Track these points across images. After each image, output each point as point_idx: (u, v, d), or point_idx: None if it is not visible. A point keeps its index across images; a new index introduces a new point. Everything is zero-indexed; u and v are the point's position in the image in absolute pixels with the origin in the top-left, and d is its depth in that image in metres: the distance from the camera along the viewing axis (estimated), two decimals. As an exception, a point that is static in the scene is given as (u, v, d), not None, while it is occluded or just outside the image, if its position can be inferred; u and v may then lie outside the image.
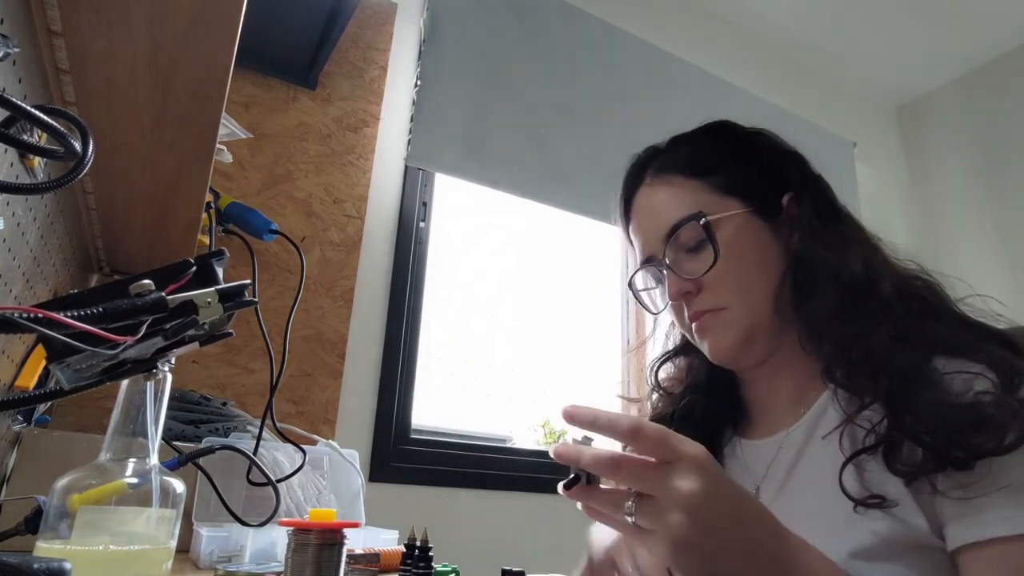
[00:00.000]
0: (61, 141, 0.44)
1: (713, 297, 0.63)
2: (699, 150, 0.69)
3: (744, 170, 0.66)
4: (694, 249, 0.63)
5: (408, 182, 1.69)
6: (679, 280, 0.64)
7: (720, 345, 0.63)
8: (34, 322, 0.35)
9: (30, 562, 0.33)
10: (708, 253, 0.62)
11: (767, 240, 0.63)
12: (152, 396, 0.49)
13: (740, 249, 0.62)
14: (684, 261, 0.64)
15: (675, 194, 0.66)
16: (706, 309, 0.63)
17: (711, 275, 0.62)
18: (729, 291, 0.62)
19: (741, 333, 0.62)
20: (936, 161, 2.79)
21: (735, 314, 0.62)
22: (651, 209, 0.68)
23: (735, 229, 0.63)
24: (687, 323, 0.65)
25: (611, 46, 2.15)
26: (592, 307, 2.11)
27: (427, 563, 0.72)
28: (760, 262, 0.63)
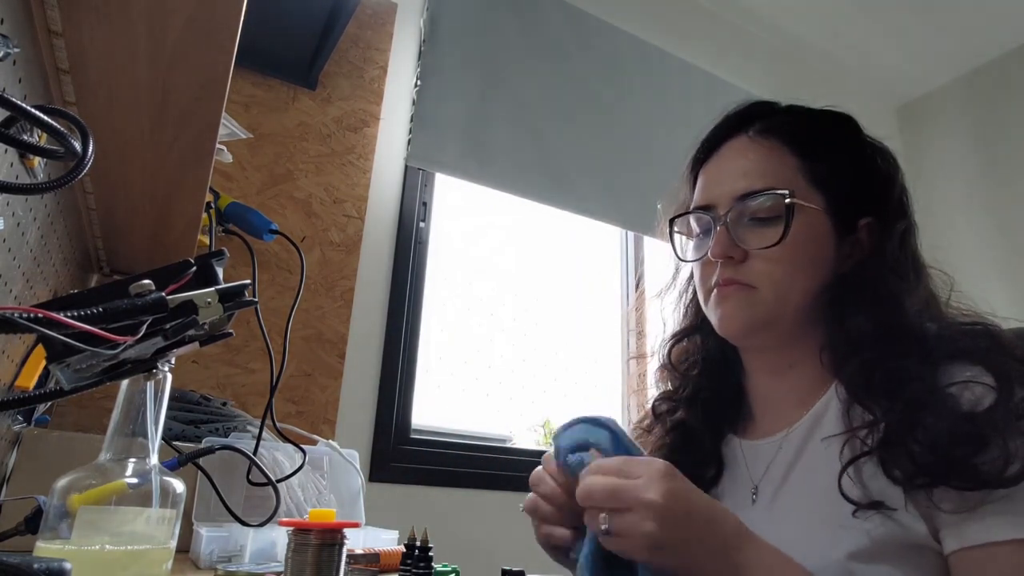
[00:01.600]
0: (61, 141, 0.44)
1: (751, 273, 0.61)
2: (817, 130, 0.66)
3: (848, 174, 0.64)
4: (762, 220, 0.61)
5: (408, 182, 1.69)
6: (729, 241, 0.62)
7: (733, 319, 0.62)
8: (34, 322, 0.35)
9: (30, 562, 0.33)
10: (773, 231, 0.60)
11: (828, 247, 0.62)
12: (152, 396, 0.49)
13: (801, 243, 0.61)
14: (744, 227, 0.62)
15: (770, 160, 0.63)
16: (739, 281, 0.61)
17: (764, 253, 0.60)
18: (769, 275, 0.61)
19: (759, 317, 0.61)
20: (936, 161, 2.79)
21: (762, 298, 0.61)
22: (739, 162, 0.65)
23: (807, 222, 0.61)
24: (711, 284, 0.64)
25: (611, 46, 2.15)
26: (592, 307, 2.11)
27: (427, 563, 0.72)
28: (812, 262, 0.62)
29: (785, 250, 0.60)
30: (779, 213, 0.61)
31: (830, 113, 0.69)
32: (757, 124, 0.66)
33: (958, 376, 0.52)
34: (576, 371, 2.00)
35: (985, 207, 2.56)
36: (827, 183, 0.63)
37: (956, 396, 0.51)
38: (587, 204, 1.94)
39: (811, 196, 0.62)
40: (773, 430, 0.65)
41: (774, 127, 0.66)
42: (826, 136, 0.66)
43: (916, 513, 0.50)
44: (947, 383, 0.52)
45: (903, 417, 0.51)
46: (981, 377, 0.51)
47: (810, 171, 0.63)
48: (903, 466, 0.50)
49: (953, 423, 0.49)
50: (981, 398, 0.50)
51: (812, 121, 0.68)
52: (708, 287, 0.65)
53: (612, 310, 2.12)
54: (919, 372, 0.53)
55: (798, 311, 0.61)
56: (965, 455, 0.47)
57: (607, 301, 2.13)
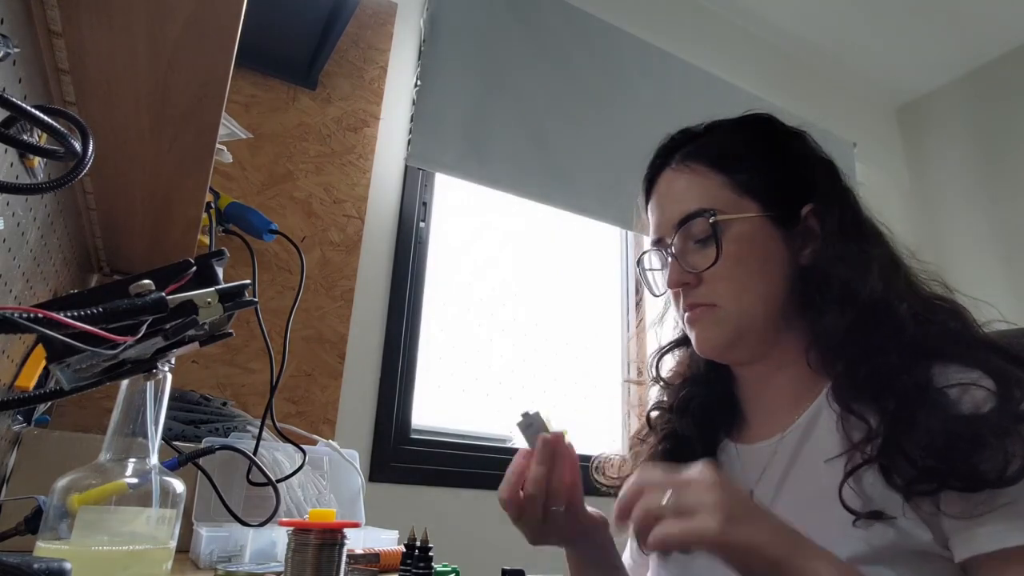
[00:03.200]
0: (61, 141, 0.44)
1: (708, 293, 0.63)
2: (732, 143, 0.68)
3: (770, 173, 0.66)
4: (702, 242, 0.64)
5: (408, 182, 1.69)
6: (680, 270, 0.65)
7: (706, 339, 0.65)
8: (34, 322, 0.35)
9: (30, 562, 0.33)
10: (712, 250, 0.62)
11: (775, 247, 0.63)
12: (152, 396, 0.49)
13: (744, 252, 0.62)
14: (690, 252, 0.65)
15: (696, 184, 0.66)
16: (700, 303, 0.64)
17: (710, 272, 0.63)
18: (725, 290, 0.63)
19: (728, 332, 0.63)
20: (936, 161, 2.79)
21: (726, 313, 0.63)
22: (670, 193, 0.68)
23: (744, 232, 0.63)
24: (681, 312, 0.67)
25: (611, 46, 2.15)
26: (592, 307, 2.11)
27: (427, 563, 0.72)
28: (762, 268, 0.63)
29: (730, 264, 0.62)
30: (710, 232, 0.63)
31: (745, 118, 0.71)
32: (680, 152, 0.69)
33: (955, 378, 0.52)
34: (576, 371, 2.00)
35: (985, 207, 2.56)
36: (755, 189, 0.64)
37: (953, 398, 0.51)
38: (587, 204, 1.94)
39: (743, 205, 0.64)
40: (768, 433, 0.65)
41: (694, 152, 0.68)
42: (742, 144, 0.68)
43: (918, 520, 0.50)
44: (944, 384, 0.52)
45: (897, 418, 0.51)
46: (981, 381, 0.51)
47: (735, 183, 0.65)
48: (904, 472, 0.50)
49: (950, 423, 0.49)
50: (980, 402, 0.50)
51: (728, 135, 0.70)
52: (680, 314, 0.68)
53: (612, 310, 2.12)
54: (903, 364, 0.54)
55: (767, 316, 0.63)
56: (963, 456, 0.47)
57: (607, 301, 2.13)
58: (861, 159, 2.67)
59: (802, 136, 0.70)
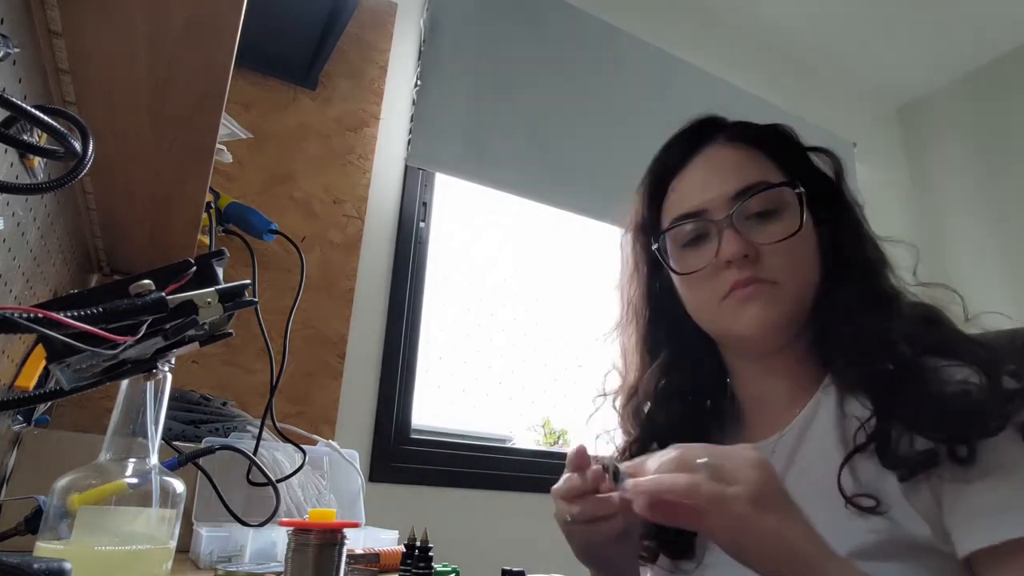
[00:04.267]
0: (61, 141, 0.44)
1: (772, 269, 0.60)
2: (769, 134, 0.68)
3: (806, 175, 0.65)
4: (762, 216, 0.61)
5: (408, 182, 1.69)
6: (743, 241, 0.60)
7: (765, 317, 0.59)
8: (34, 322, 0.35)
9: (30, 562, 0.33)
10: (779, 224, 0.60)
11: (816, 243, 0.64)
12: (152, 396, 0.49)
13: (807, 234, 0.61)
14: (746, 226, 0.61)
15: (753, 160, 0.64)
16: (762, 278, 0.59)
17: (772, 247, 0.59)
18: (789, 269, 0.60)
19: (786, 312, 0.60)
20: (936, 161, 2.79)
21: (785, 293, 0.60)
22: (724, 164, 0.64)
23: (806, 218, 0.61)
24: (723, 290, 0.61)
25: (611, 46, 2.15)
26: (592, 307, 2.11)
27: (427, 563, 0.72)
28: (813, 255, 0.63)
29: (800, 242, 0.60)
30: (779, 206, 0.61)
31: (772, 125, 0.70)
32: (721, 135, 0.67)
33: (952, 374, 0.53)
34: (576, 371, 2.00)
35: (985, 207, 2.56)
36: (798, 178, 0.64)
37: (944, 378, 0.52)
38: (587, 204, 1.94)
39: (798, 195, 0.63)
40: (766, 434, 0.65)
41: (740, 135, 0.67)
42: (783, 143, 0.68)
43: (916, 513, 0.50)
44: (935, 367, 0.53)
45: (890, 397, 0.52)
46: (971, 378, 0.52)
47: (784, 170, 0.64)
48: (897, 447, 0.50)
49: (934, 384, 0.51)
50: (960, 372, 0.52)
51: (767, 131, 0.69)
52: (719, 294, 0.62)
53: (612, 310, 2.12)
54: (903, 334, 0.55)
55: (806, 305, 0.62)
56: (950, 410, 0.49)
57: (607, 300, 2.12)
58: (861, 159, 2.67)
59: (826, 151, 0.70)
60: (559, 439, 1.96)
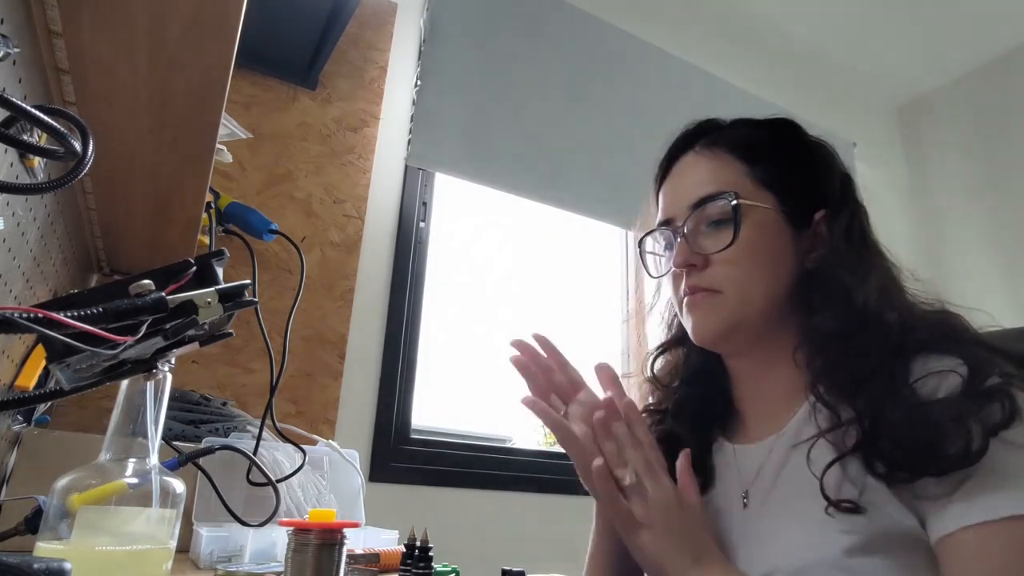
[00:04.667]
0: (61, 141, 0.44)
1: (713, 278, 0.63)
2: (757, 137, 0.69)
3: (790, 172, 0.66)
4: (715, 224, 0.63)
5: (408, 182, 1.69)
6: (688, 250, 0.64)
7: (703, 326, 0.64)
8: (34, 322, 0.35)
9: (30, 562, 0.33)
10: (726, 234, 0.62)
11: (785, 245, 0.64)
12: (152, 396, 0.49)
13: (756, 241, 0.62)
14: (701, 234, 0.64)
15: (717, 169, 0.66)
16: (703, 287, 0.63)
17: (721, 256, 0.62)
18: (731, 278, 0.62)
19: (726, 321, 0.63)
20: (936, 161, 2.79)
21: (727, 301, 0.62)
22: (688, 175, 0.68)
23: (760, 222, 0.63)
24: (680, 295, 0.66)
25: (611, 46, 2.15)
26: (592, 307, 2.11)
27: (427, 563, 0.72)
28: (770, 262, 0.63)
29: (742, 250, 0.62)
30: (728, 215, 0.62)
31: (771, 120, 0.71)
32: (703, 140, 0.69)
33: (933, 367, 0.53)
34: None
35: (985, 207, 2.56)
36: (774, 184, 0.64)
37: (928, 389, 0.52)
38: (587, 204, 1.94)
39: (761, 197, 0.64)
40: (763, 434, 0.65)
41: (718, 140, 0.68)
42: (769, 141, 0.68)
43: (902, 506, 0.51)
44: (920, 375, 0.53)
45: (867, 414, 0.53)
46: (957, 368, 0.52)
47: (756, 175, 0.65)
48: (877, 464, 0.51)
49: (912, 414, 0.50)
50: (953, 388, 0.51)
51: (755, 130, 0.70)
52: (679, 298, 0.67)
53: (612, 310, 2.12)
54: (881, 365, 0.54)
55: (765, 312, 0.63)
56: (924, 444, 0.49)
57: (607, 301, 2.13)
58: (861, 159, 2.67)
59: (824, 146, 0.70)
60: (559, 439, 1.96)
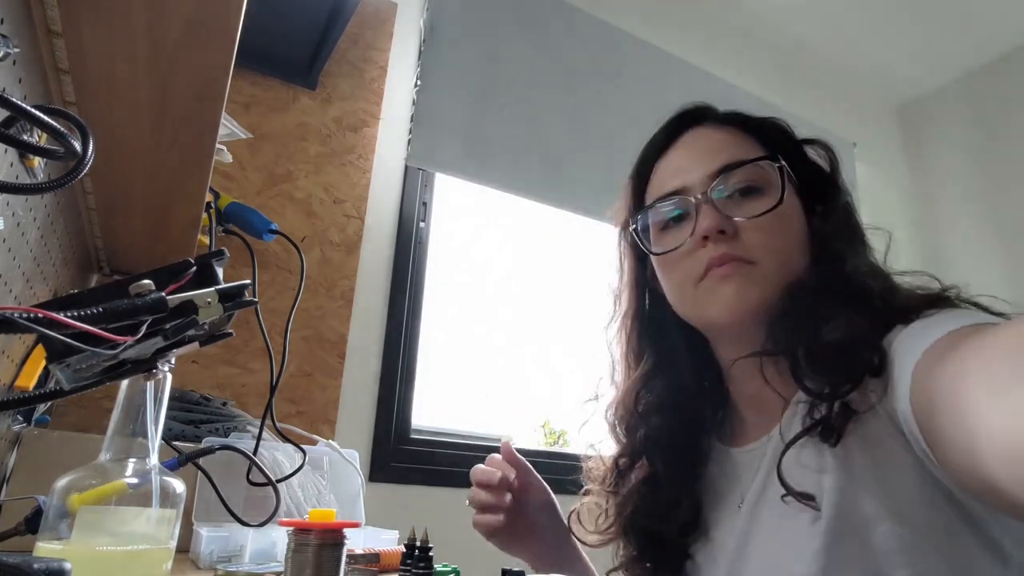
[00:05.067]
0: (61, 141, 0.44)
1: (750, 246, 0.57)
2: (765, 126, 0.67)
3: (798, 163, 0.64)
4: (742, 193, 0.59)
5: (408, 182, 1.69)
6: (719, 215, 0.58)
7: (739, 298, 0.57)
8: (34, 322, 0.35)
9: (30, 562, 0.33)
10: (761, 200, 0.58)
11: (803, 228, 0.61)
12: (152, 396, 0.49)
13: (791, 214, 0.59)
14: (726, 202, 0.59)
15: (738, 141, 0.63)
16: (738, 256, 0.57)
17: (761, 221, 0.57)
18: (768, 247, 0.57)
19: (763, 293, 0.57)
20: (936, 161, 2.79)
21: (764, 273, 0.57)
22: (707, 144, 0.63)
23: (791, 195, 0.60)
24: (699, 270, 0.59)
25: (611, 46, 2.15)
26: (592, 307, 2.11)
27: (427, 563, 0.72)
28: (797, 240, 0.60)
29: (780, 219, 0.58)
30: (762, 183, 0.59)
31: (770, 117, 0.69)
32: (708, 119, 0.67)
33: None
34: (576, 371, 2.00)
35: (985, 207, 2.56)
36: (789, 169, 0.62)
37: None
38: (587, 204, 1.94)
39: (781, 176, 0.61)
40: (759, 435, 0.64)
41: (728, 120, 0.66)
42: (774, 131, 0.67)
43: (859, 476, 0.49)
44: None
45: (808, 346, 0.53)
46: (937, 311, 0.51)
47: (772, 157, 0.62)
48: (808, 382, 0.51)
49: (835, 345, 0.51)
50: None
51: (758, 119, 0.68)
52: (696, 274, 0.59)
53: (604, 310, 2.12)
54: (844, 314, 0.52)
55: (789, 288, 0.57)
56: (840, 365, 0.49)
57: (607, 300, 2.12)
58: (861, 159, 2.66)
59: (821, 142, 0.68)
60: (559, 439, 1.96)
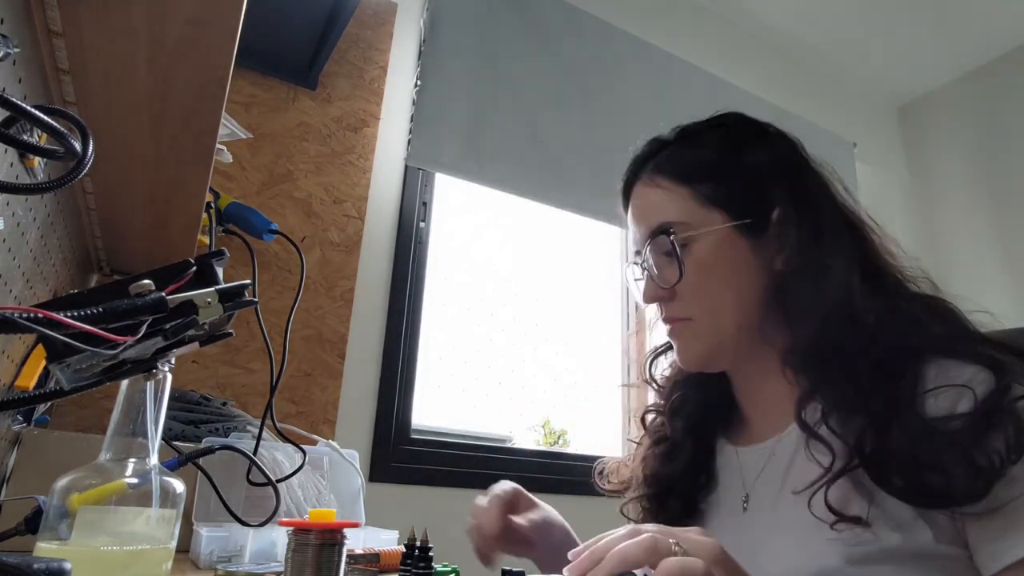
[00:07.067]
0: (61, 141, 0.44)
1: (681, 307, 0.64)
2: (697, 152, 0.67)
3: (736, 181, 0.64)
4: (669, 256, 0.64)
5: (408, 182, 1.69)
6: (654, 286, 0.65)
7: (685, 353, 0.66)
8: (34, 322, 0.35)
9: (30, 562, 0.33)
10: (690, 259, 0.62)
11: (745, 257, 0.62)
12: (152, 396, 0.49)
13: (712, 265, 0.62)
14: (663, 266, 0.65)
15: (662, 198, 0.66)
16: (675, 317, 0.65)
17: (681, 286, 0.63)
18: (696, 304, 0.63)
19: (706, 345, 0.64)
20: (936, 161, 2.79)
21: (701, 327, 0.63)
22: (641, 207, 0.69)
23: (711, 244, 0.62)
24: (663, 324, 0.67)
25: (611, 46, 2.15)
26: (592, 307, 2.11)
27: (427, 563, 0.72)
28: (732, 279, 0.62)
29: (699, 278, 0.62)
30: (687, 242, 0.63)
31: (714, 120, 0.70)
32: (650, 164, 0.69)
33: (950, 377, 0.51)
34: (576, 371, 2.00)
35: (985, 207, 2.56)
36: (719, 199, 0.63)
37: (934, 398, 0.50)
38: (587, 204, 1.94)
39: (709, 217, 0.63)
40: (765, 435, 0.65)
41: (661, 164, 0.68)
42: (709, 152, 0.67)
43: (921, 519, 0.49)
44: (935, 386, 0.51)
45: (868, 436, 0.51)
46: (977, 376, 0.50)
47: (700, 195, 0.64)
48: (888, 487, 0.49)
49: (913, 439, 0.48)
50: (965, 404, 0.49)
51: (695, 143, 0.69)
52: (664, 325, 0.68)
53: (612, 309, 2.12)
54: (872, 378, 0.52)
55: (742, 326, 0.62)
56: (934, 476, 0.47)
57: (607, 301, 2.13)
58: (861, 159, 2.67)
59: (768, 134, 0.68)
60: (559, 439, 1.96)
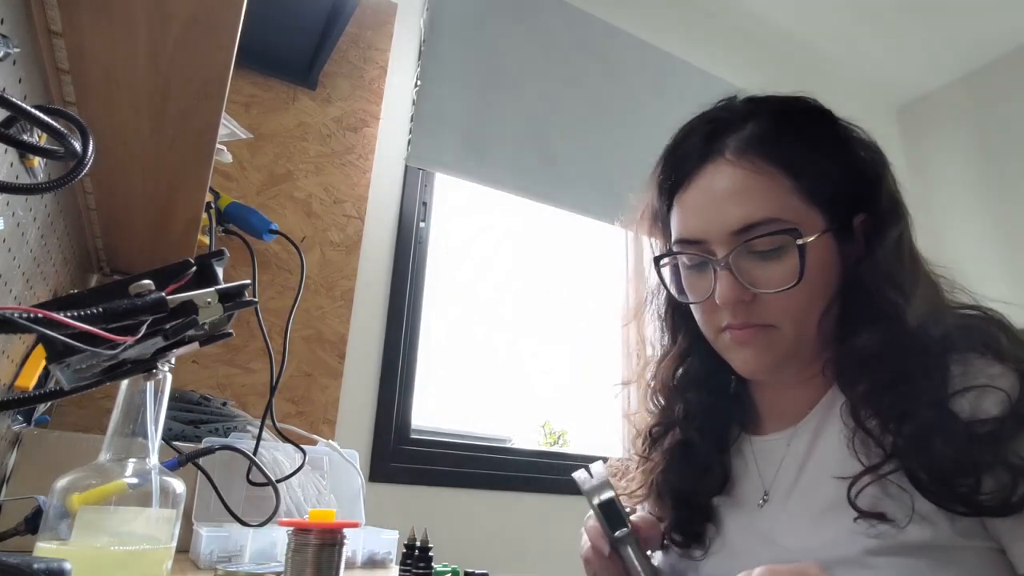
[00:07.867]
0: (61, 141, 0.44)
1: (768, 313, 0.56)
2: (793, 139, 0.59)
3: (833, 178, 0.58)
4: (764, 255, 0.56)
5: (408, 182, 1.69)
6: (737, 286, 0.56)
7: (757, 362, 0.58)
8: (34, 322, 0.35)
9: (30, 562, 0.33)
10: (781, 266, 0.55)
11: (835, 264, 0.58)
12: (152, 396, 0.49)
13: (814, 274, 0.55)
14: (747, 264, 0.56)
15: (760, 185, 0.56)
16: (757, 323, 0.57)
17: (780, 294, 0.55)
18: (787, 313, 0.56)
19: (781, 355, 0.58)
20: (936, 161, 2.79)
21: (783, 336, 0.57)
22: (727, 192, 0.57)
23: (816, 252, 0.55)
24: (719, 325, 0.59)
25: (611, 46, 2.15)
26: (592, 307, 2.11)
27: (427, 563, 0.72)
28: (824, 287, 0.57)
29: (802, 288, 0.55)
30: (784, 243, 0.55)
31: (802, 109, 0.62)
32: (732, 140, 0.59)
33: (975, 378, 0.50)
34: (576, 371, 2.00)
35: (985, 207, 2.56)
36: (820, 197, 0.57)
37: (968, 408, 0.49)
38: (587, 204, 1.94)
39: (812, 220, 0.56)
40: (780, 426, 0.64)
41: (750, 143, 0.58)
42: (807, 142, 0.59)
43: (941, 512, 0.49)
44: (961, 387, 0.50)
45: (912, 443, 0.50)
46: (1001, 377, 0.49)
47: (803, 190, 0.57)
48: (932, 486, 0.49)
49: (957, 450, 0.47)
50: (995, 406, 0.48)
51: (786, 125, 0.60)
52: (716, 327, 0.60)
53: (613, 309, 2.12)
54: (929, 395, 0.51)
55: (817, 337, 0.58)
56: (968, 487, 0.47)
57: (608, 301, 2.13)
58: (861, 159, 2.66)
59: (866, 140, 0.63)
60: (559, 439, 1.96)
